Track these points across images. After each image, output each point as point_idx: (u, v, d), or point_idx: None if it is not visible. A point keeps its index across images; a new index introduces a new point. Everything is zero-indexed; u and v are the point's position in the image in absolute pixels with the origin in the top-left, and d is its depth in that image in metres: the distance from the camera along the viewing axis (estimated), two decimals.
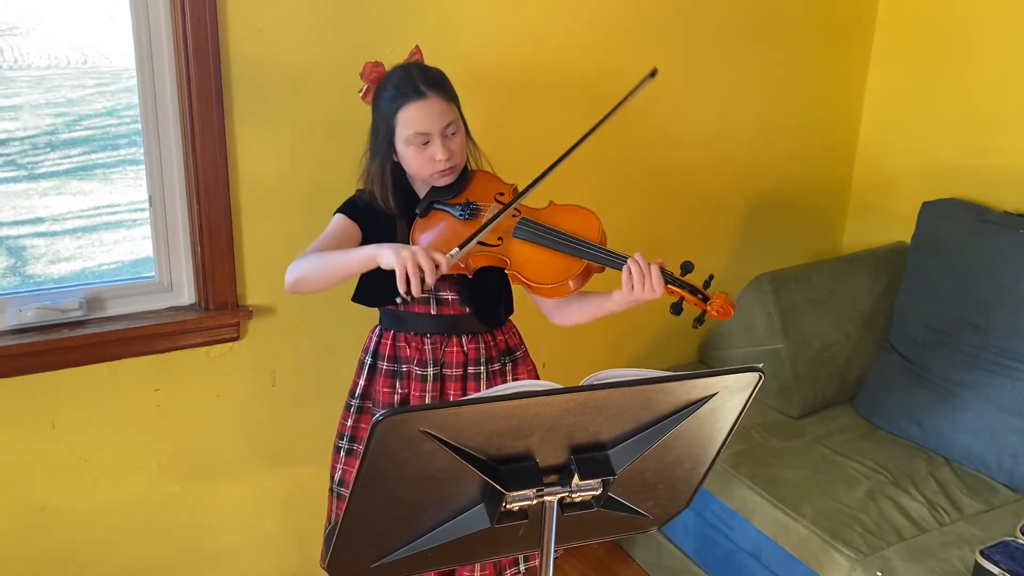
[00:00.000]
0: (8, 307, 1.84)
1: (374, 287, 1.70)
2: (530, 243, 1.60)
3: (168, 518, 2.09)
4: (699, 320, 1.52)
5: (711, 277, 1.53)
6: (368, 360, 1.76)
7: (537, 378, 1.83)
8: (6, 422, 1.87)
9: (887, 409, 2.38)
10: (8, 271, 1.96)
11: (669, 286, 1.51)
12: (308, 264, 1.57)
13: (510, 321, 1.82)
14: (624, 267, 1.52)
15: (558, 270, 1.56)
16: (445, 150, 1.60)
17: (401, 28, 2.01)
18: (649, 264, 1.51)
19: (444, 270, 1.45)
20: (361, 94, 1.69)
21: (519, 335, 1.84)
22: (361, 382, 1.77)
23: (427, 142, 1.60)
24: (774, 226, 2.83)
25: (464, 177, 1.69)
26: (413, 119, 1.59)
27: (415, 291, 1.44)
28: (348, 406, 1.80)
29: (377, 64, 1.67)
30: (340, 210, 1.70)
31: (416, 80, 1.59)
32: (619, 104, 1.65)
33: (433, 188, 1.68)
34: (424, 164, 1.63)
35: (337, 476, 1.80)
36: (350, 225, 1.68)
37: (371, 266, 1.51)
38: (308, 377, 2.15)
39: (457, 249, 1.50)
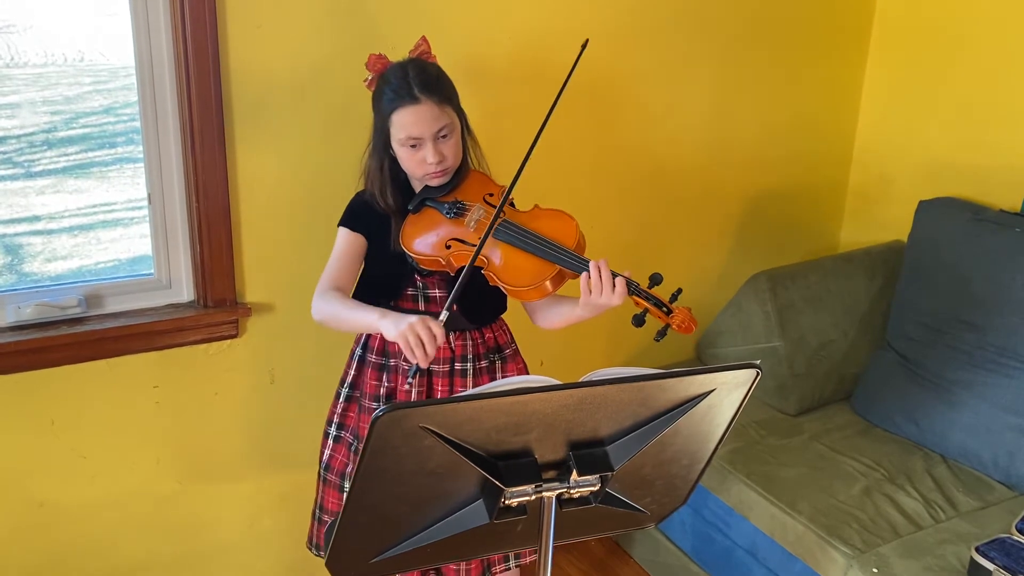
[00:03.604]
0: (7, 304, 1.84)
1: (371, 286, 1.74)
2: (508, 245, 1.62)
3: (166, 515, 2.09)
4: (661, 333, 1.54)
5: (679, 291, 1.54)
6: (358, 352, 1.79)
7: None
8: (5, 419, 1.87)
9: (884, 407, 2.39)
10: (4, 269, 1.95)
11: (634, 297, 1.53)
12: (326, 313, 1.66)
13: (501, 319, 1.83)
14: (583, 272, 1.54)
15: (531, 274, 1.58)
16: (436, 153, 1.62)
17: (401, 23, 2.01)
18: (612, 273, 1.52)
19: (440, 339, 1.49)
20: (367, 83, 1.70)
21: (509, 333, 1.85)
22: (351, 372, 1.80)
23: (419, 145, 1.62)
24: (771, 225, 2.83)
25: (458, 176, 1.71)
26: (405, 123, 1.61)
27: (422, 362, 1.49)
28: (338, 394, 1.83)
29: (381, 56, 1.69)
30: (341, 222, 1.74)
31: (411, 83, 1.60)
32: (567, 79, 1.66)
33: (427, 186, 1.71)
34: (417, 165, 1.65)
35: (324, 460, 1.84)
36: (354, 239, 1.72)
37: (374, 331, 1.60)
38: (306, 374, 2.15)
39: (445, 312, 1.54)
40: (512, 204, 1.74)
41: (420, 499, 1.14)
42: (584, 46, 1.68)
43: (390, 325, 1.52)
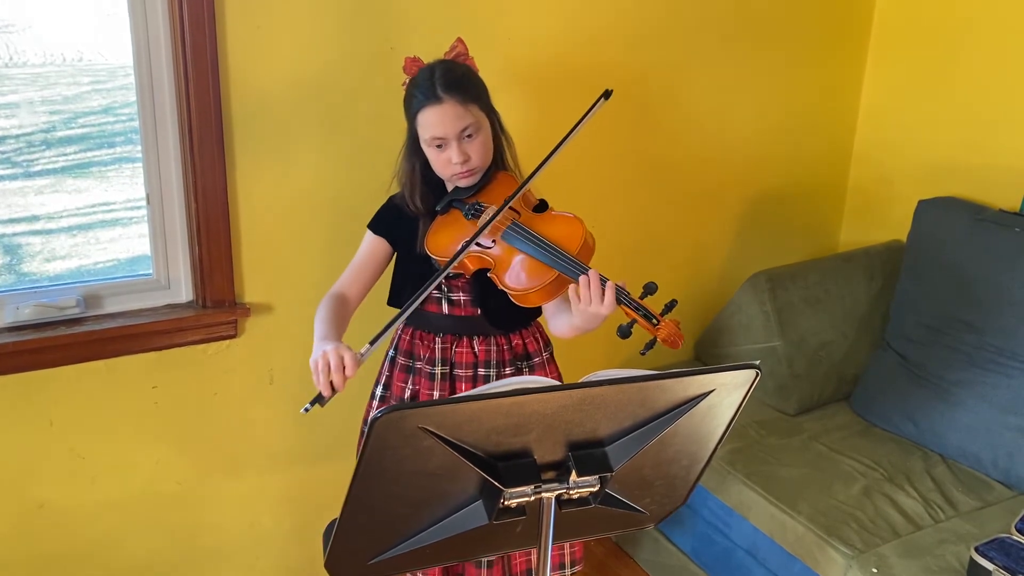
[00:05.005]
0: (5, 304, 1.84)
1: (400, 289, 1.75)
2: (513, 248, 1.61)
3: (166, 516, 2.09)
4: (648, 346, 1.50)
5: (673, 302, 1.50)
6: (391, 353, 1.81)
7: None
8: (4, 420, 1.87)
9: (883, 407, 2.39)
10: (3, 269, 1.95)
11: (623, 306, 1.50)
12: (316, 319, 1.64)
13: (535, 324, 1.81)
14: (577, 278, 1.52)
15: (530, 278, 1.57)
16: (461, 153, 1.61)
17: (401, 25, 2.01)
18: (602, 280, 1.49)
19: (350, 371, 1.46)
20: (404, 86, 1.69)
21: (543, 340, 1.82)
22: (385, 372, 1.82)
23: (444, 145, 1.61)
24: (771, 224, 2.83)
25: (485, 177, 1.69)
26: (430, 123, 1.60)
27: (322, 389, 1.47)
28: (373, 394, 1.84)
29: (416, 59, 1.68)
30: (369, 225, 1.75)
31: (436, 83, 1.59)
32: (575, 127, 1.66)
33: (456, 187, 1.70)
34: (443, 166, 1.65)
35: None
36: (376, 242, 1.74)
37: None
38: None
39: (368, 345, 1.51)
40: (541, 208, 1.70)
41: (419, 500, 1.14)
42: (606, 96, 1.68)
43: (316, 347, 1.51)
